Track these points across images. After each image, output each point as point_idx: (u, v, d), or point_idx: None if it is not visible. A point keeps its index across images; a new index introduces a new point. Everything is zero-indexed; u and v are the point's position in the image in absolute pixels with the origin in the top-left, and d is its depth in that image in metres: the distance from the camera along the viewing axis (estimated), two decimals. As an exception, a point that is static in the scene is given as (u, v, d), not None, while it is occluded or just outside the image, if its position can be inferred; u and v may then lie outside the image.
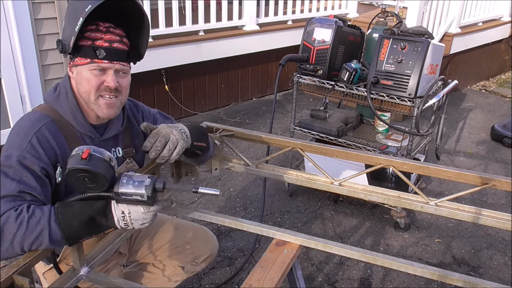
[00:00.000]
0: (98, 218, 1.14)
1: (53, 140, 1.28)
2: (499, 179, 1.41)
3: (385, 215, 3.00)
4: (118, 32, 1.33)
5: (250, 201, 3.10)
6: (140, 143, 1.55)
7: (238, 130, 1.77)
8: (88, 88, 1.32)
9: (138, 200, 1.13)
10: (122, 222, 1.15)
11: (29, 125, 1.28)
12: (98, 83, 1.32)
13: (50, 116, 1.32)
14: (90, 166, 1.08)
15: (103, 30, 1.30)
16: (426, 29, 2.61)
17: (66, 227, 1.12)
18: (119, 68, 1.34)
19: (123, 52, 1.34)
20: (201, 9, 4.19)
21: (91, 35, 1.29)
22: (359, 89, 2.65)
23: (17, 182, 1.19)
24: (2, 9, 2.99)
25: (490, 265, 2.59)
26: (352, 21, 5.25)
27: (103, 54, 1.29)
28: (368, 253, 1.39)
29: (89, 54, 1.29)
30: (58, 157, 1.29)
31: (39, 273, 1.57)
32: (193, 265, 1.80)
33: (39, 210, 1.16)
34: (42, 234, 1.12)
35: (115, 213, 1.14)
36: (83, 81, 1.32)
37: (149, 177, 1.15)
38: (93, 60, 1.29)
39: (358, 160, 1.66)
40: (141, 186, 1.12)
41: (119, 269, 1.66)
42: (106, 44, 1.30)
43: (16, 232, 1.12)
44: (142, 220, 1.15)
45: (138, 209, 1.14)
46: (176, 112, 4.43)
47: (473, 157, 4.00)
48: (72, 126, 1.35)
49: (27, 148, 1.23)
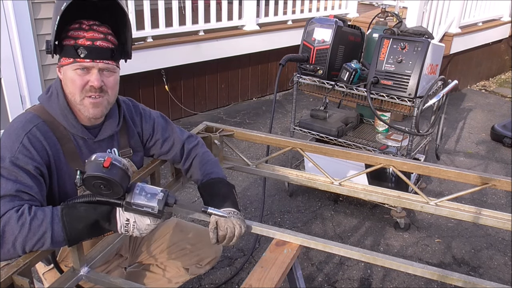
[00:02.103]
0: (102, 222, 1.15)
1: (44, 140, 1.28)
2: (499, 179, 1.41)
3: (385, 215, 3.00)
4: (102, 30, 1.29)
5: (250, 201, 3.10)
6: (137, 144, 1.55)
7: (238, 130, 1.77)
8: (73, 88, 1.30)
9: (148, 212, 1.14)
10: (124, 228, 1.16)
11: (20, 126, 1.27)
12: (83, 83, 1.29)
13: (42, 117, 1.31)
14: (111, 176, 1.08)
15: (85, 28, 1.27)
16: (426, 29, 2.61)
17: (70, 229, 1.13)
18: (103, 66, 1.30)
19: (106, 50, 1.30)
20: (201, 9, 4.19)
21: (74, 34, 1.27)
22: (359, 89, 2.65)
23: (13, 182, 1.19)
24: (2, 9, 2.99)
25: (490, 265, 2.59)
26: (352, 21, 5.25)
27: (85, 53, 1.26)
28: (368, 253, 1.39)
29: (71, 53, 1.27)
30: (50, 158, 1.28)
31: (40, 274, 1.57)
32: (198, 268, 1.79)
33: (41, 211, 1.16)
34: (45, 236, 1.13)
35: (119, 220, 1.15)
36: (68, 82, 1.30)
37: (162, 190, 1.16)
38: (76, 60, 1.27)
39: (358, 160, 1.67)
40: (153, 199, 1.13)
41: (121, 271, 1.66)
42: (88, 43, 1.27)
43: (18, 234, 1.12)
44: (144, 229, 1.17)
45: (145, 220, 1.16)
46: (176, 112, 4.43)
47: (473, 157, 4.00)
48: (64, 128, 1.34)
49: (19, 148, 1.23)
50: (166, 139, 1.59)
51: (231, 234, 1.35)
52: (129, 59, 1.42)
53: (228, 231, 1.35)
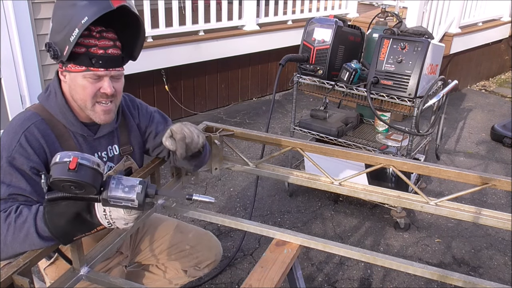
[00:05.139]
0: (84, 214, 1.11)
1: (42, 138, 1.28)
2: (499, 179, 1.41)
3: (385, 215, 3.00)
4: (111, 36, 1.30)
5: (250, 201, 3.10)
6: (137, 140, 1.54)
7: (238, 130, 1.77)
8: (84, 95, 1.30)
9: (128, 206, 1.07)
10: (105, 220, 1.12)
11: (18, 123, 1.28)
12: (94, 90, 1.29)
13: (41, 115, 1.31)
14: (78, 178, 1.01)
15: (96, 36, 1.26)
16: (426, 29, 2.61)
17: (53, 226, 1.11)
18: (115, 74, 1.32)
19: (118, 57, 1.31)
20: (201, 9, 4.19)
21: (85, 42, 1.25)
22: (359, 89, 2.65)
23: (6, 186, 1.19)
24: (2, 9, 2.99)
25: (490, 265, 2.59)
26: (352, 21, 5.25)
27: (99, 63, 1.26)
28: (368, 253, 1.39)
29: (84, 62, 1.26)
30: (47, 156, 1.28)
31: (41, 269, 1.57)
32: (196, 270, 1.79)
33: (27, 209, 1.16)
34: (30, 231, 1.12)
35: (98, 211, 1.12)
36: (78, 88, 1.30)
37: (140, 181, 1.09)
38: (89, 68, 1.27)
39: (358, 160, 1.66)
40: (131, 191, 1.07)
41: (121, 269, 1.66)
42: (101, 51, 1.26)
43: (7, 233, 1.13)
44: (123, 220, 1.12)
45: (119, 210, 1.10)
46: (176, 112, 4.43)
47: (473, 157, 4.00)
48: (63, 126, 1.34)
49: (16, 148, 1.23)
50: (160, 131, 1.57)
51: (190, 134, 1.32)
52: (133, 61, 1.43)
53: (186, 134, 1.31)
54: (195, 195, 1.13)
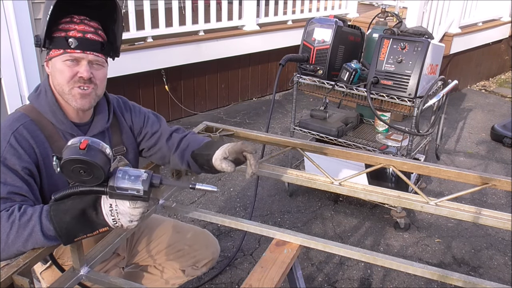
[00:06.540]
0: (89, 212, 1.12)
1: (31, 139, 1.27)
2: (499, 179, 1.41)
3: (385, 215, 3.00)
4: (92, 24, 1.32)
5: (250, 201, 3.10)
6: (130, 141, 1.54)
7: (238, 130, 1.77)
8: (61, 79, 1.30)
9: (134, 195, 1.09)
10: (110, 217, 1.12)
11: (7, 125, 1.28)
12: (72, 74, 1.29)
13: (30, 115, 1.31)
14: (88, 157, 1.04)
15: (76, 21, 1.29)
16: (426, 29, 2.61)
17: (58, 222, 1.11)
18: (93, 59, 1.31)
19: (96, 42, 1.31)
20: (201, 9, 4.19)
21: (65, 27, 1.28)
22: (359, 89, 2.65)
23: (3, 185, 1.19)
24: (2, 9, 2.99)
25: (490, 265, 2.59)
26: (352, 21, 5.25)
27: (75, 44, 1.27)
28: (368, 253, 1.39)
29: (62, 44, 1.28)
30: (38, 156, 1.28)
31: (37, 273, 1.57)
32: (194, 269, 1.79)
33: (31, 208, 1.16)
34: (34, 230, 1.12)
35: (104, 207, 1.12)
36: (57, 73, 1.31)
37: (146, 171, 1.12)
38: (66, 50, 1.28)
39: (358, 160, 1.66)
40: (137, 180, 1.09)
41: (118, 271, 1.66)
42: (79, 35, 1.28)
43: (10, 231, 1.12)
44: (129, 215, 1.12)
45: (125, 203, 1.11)
46: (176, 112, 4.43)
47: (473, 157, 4.00)
48: (53, 126, 1.34)
49: (6, 148, 1.23)
50: (155, 132, 1.58)
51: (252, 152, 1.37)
52: (117, 57, 1.43)
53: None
54: (198, 184, 1.17)
